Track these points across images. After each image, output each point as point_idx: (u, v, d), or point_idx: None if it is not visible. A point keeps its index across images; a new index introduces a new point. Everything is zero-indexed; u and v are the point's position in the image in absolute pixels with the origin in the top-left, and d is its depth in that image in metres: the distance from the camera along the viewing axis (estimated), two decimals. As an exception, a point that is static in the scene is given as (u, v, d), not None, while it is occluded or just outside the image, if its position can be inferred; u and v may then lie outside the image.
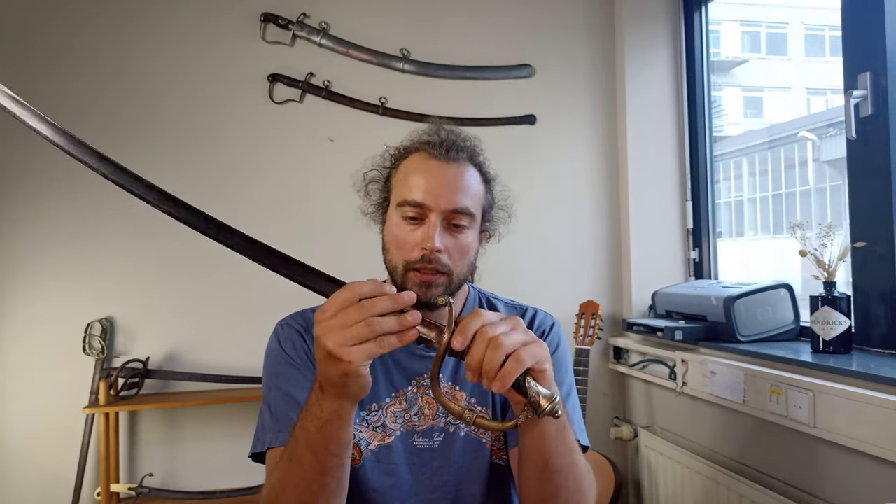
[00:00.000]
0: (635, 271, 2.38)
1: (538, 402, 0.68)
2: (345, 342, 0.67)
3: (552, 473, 0.82)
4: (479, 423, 0.70)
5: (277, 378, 0.99)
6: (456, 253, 0.96)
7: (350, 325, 0.67)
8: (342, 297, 0.68)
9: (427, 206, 0.94)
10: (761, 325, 1.81)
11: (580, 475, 0.85)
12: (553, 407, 0.68)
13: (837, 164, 2.39)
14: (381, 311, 0.67)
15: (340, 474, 0.80)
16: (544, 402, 0.68)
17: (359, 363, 0.68)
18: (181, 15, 2.16)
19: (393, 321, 0.67)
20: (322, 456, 0.77)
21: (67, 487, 1.97)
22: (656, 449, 2.11)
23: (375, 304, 0.67)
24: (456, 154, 0.98)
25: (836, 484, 1.44)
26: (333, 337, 0.67)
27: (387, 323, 0.67)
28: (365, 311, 0.66)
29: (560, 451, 0.81)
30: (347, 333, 0.67)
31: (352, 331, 0.67)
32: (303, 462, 0.78)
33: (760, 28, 5.01)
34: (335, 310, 0.68)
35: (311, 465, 0.78)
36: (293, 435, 0.80)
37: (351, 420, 0.77)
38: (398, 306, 0.67)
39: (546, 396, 0.68)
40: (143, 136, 2.11)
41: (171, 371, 2.07)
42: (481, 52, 2.36)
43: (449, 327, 0.69)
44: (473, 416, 0.69)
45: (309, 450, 0.77)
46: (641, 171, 2.40)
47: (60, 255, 2.06)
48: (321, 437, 0.76)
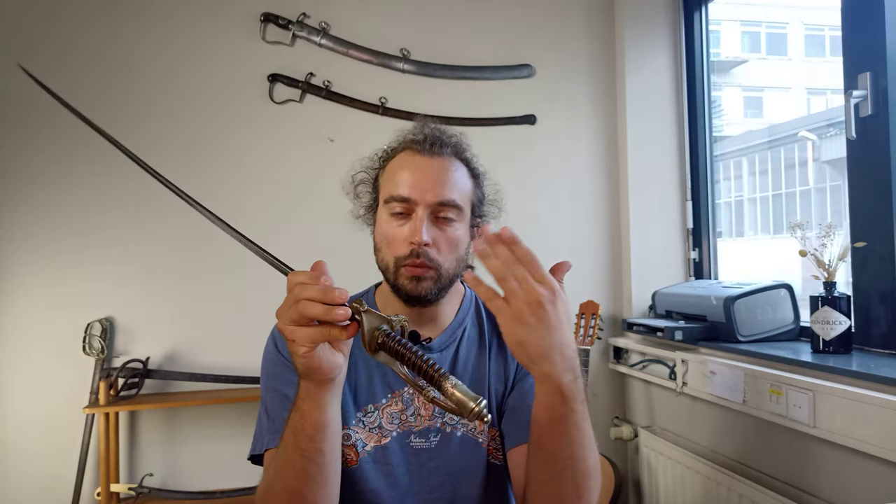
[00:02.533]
0: (635, 271, 2.38)
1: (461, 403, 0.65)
2: (286, 323, 0.72)
3: (547, 457, 0.82)
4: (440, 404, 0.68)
5: (274, 380, 0.99)
6: (445, 246, 0.96)
7: (288, 307, 0.71)
8: (288, 282, 0.73)
9: (413, 200, 0.95)
10: (761, 325, 1.81)
11: (584, 473, 0.83)
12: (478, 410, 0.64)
13: (837, 164, 2.39)
14: (309, 297, 0.70)
15: (319, 461, 0.81)
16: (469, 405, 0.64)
17: (301, 343, 0.72)
18: (181, 15, 2.16)
19: (319, 308, 0.69)
20: (299, 435, 0.79)
21: (67, 487, 1.97)
22: (656, 449, 2.11)
23: (304, 290, 0.70)
24: (440, 149, 0.99)
25: (835, 484, 1.44)
26: (281, 318, 0.72)
27: (312, 309, 0.69)
28: (295, 296, 0.70)
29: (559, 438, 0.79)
30: (286, 315, 0.71)
31: (289, 312, 0.71)
32: (286, 444, 0.81)
33: (760, 28, 5.01)
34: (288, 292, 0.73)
35: (292, 447, 0.80)
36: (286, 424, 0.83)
37: (323, 403, 0.79)
38: (324, 298, 0.69)
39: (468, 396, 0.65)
40: (143, 136, 2.11)
41: (171, 371, 2.07)
42: (481, 52, 2.36)
43: (363, 330, 0.71)
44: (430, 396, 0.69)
45: (290, 430, 0.80)
46: (641, 171, 2.40)
47: (60, 255, 2.05)
48: (298, 415, 0.79)
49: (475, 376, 1.04)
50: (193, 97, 2.15)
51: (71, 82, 2.06)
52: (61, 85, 2.06)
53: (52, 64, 2.06)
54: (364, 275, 1.20)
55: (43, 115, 2.05)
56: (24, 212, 2.04)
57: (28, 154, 2.04)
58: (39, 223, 2.05)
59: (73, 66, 2.08)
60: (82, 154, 2.06)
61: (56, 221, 2.06)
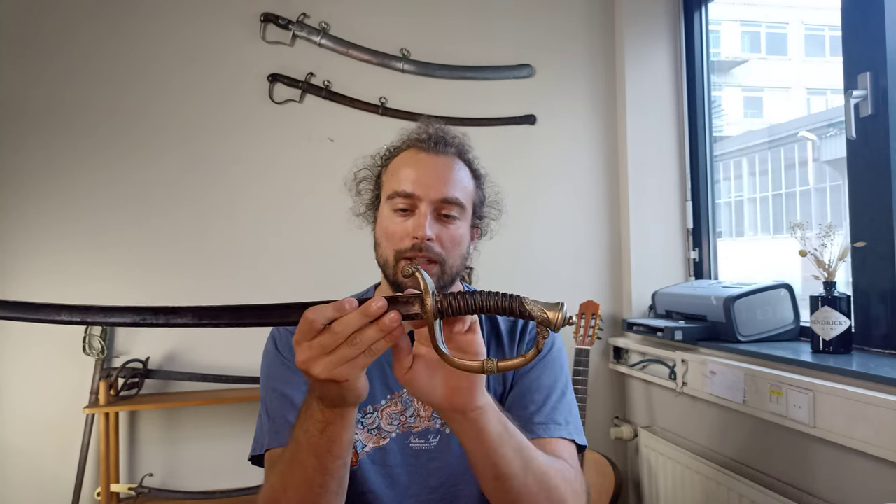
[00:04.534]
0: (635, 271, 2.38)
1: (546, 317, 0.66)
2: (334, 366, 0.65)
3: (507, 480, 0.78)
4: (503, 367, 0.67)
5: (274, 380, 0.99)
6: (448, 242, 0.96)
7: (331, 349, 0.64)
8: (307, 327, 0.64)
9: (417, 196, 0.95)
10: (761, 325, 1.81)
11: (543, 473, 0.81)
12: (563, 315, 0.65)
13: (837, 164, 2.39)
14: (357, 328, 0.64)
15: (342, 474, 0.80)
16: (552, 315, 0.65)
17: (355, 379, 0.67)
18: (181, 15, 2.15)
19: (374, 332, 0.64)
20: (325, 458, 0.76)
21: (67, 487, 1.97)
22: (656, 449, 2.11)
23: (347, 324, 0.64)
24: (444, 148, 1.00)
25: (835, 484, 1.44)
26: (321, 364, 0.65)
27: (369, 336, 0.64)
28: (340, 335, 0.64)
29: (507, 454, 0.77)
30: (334, 358, 0.64)
31: (337, 354, 0.64)
32: (305, 464, 0.77)
33: (760, 28, 5.01)
34: (307, 338, 0.65)
35: (313, 468, 0.77)
36: (294, 437, 0.79)
37: (353, 421, 0.76)
38: (370, 319, 0.64)
39: (550, 307, 0.66)
40: (143, 136, 2.11)
41: (171, 371, 2.07)
42: (481, 52, 2.36)
43: (426, 291, 0.66)
44: (494, 365, 0.67)
45: (311, 452, 0.76)
46: (641, 171, 2.40)
47: (60, 254, 2.05)
48: (324, 440, 0.75)
49: (475, 377, 1.04)
50: (193, 97, 2.15)
51: (70, 82, 2.07)
52: (60, 85, 2.06)
53: (52, 64, 2.06)
54: (364, 274, 1.20)
55: (42, 113, 2.05)
56: (24, 211, 2.04)
57: (27, 152, 2.04)
58: (39, 222, 2.05)
59: (73, 65, 2.07)
60: (83, 152, 2.07)
61: (56, 220, 2.06)
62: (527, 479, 0.79)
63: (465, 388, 0.71)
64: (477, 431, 0.74)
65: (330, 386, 0.67)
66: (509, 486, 0.78)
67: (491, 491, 0.80)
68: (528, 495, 0.79)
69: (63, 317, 0.65)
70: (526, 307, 0.66)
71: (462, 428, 0.74)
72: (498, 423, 0.76)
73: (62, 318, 0.65)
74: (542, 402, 0.98)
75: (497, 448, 0.76)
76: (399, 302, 0.66)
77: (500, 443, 0.76)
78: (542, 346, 0.67)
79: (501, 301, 0.67)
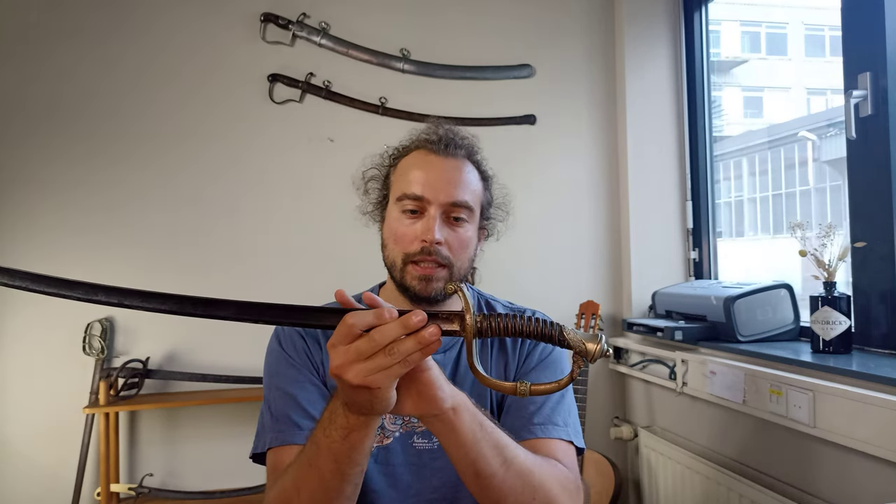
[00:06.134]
0: (635, 271, 2.38)
1: (584, 348, 0.67)
2: (369, 373, 0.65)
3: (486, 478, 0.78)
4: (535, 391, 0.69)
5: (278, 378, 0.99)
6: (456, 246, 0.96)
7: (367, 355, 0.65)
8: (345, 331, 0.66)
9: (426, 198, 0.95)
10: (761, 325, 1.81)
11: (526, 471, 0.81)
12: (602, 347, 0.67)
13: (837, 164, 2.39)
14: (394, 338, 0.65)
15: (358, 481, 0.80)
16: (591, 346, 0.67)
17: (388, 388, 0.67)
18: (181, 15, 2.16)
19: (412, 343, 0.65)
20: (344, 464, 0.76)
21: (67, 487, 1.97)
22: (656, 449, 2.11)
23: (386, 333, 0.64)
24: (454, 150, 1.00)
25: (835, 484, 1.44)
26: (355, 370, 0.65)
27: (406, 347, 0.65)
28: (378, 343, 0.64)
29: (484, 452, 0.77)
30: (369, 365, 0.65)
31: (373, 362, 0.65)
32: (322, 469, 0.77)
33: (760, 28, 5.01)
34: (344, 342, 0.66)
35: (331, 473, 0.77)
36: (313, 440, 0.79)
37: (375, 429, 0.76)
38: (408, 331, 0.65)
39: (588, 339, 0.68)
40: (143, 136, 2.11)
41: (171, 371, 2.07)
42: (481, 52, 2.36)
43: (468, 310, 0.67)
44: (527, 387, 0.69)
45: (331, 457, 0.76)
46: (641, 171, 2.40)
47: (60, 254, 2.06)
48: (346, 446, 0.75)
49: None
50: (193, 97, 2.15)
51: (69, 81, 2.07)
52: (59, 85, 2.06)
53: (52, 63, 2.06)
54: (365, 274, 1.20)
55: (41, 112, 2.05)
56: (24, 210, 2.04)
57: (26, 152, 2.04)
58: (39, 222, 2.05)
59: (71, 65, 2.07)
60: (81, 152, 2.07)
61: (55, 220, 2.06)
62: (507, 477, 0.79)
63: (428, 395, 0.72)
64: (450, 432, 0.75)
65: (361, 392, 0.67)
66: (490, 484, 0.79)
67: (475, 490, 0.81)
68: (511, 493, 0.80)
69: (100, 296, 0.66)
70: (566, 336, 0.68)
71: (436, 429, 0.76)
72: (472, 423, 0.76)
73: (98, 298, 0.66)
74: (541, 402, 0.98)
75: (473, 446, 0.76)
76: (439, 317, 0.68)
77: (475, 441, 0.76)
78: (576, 374, 0.69)
79: (541, 328, 0.68)
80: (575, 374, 0.69)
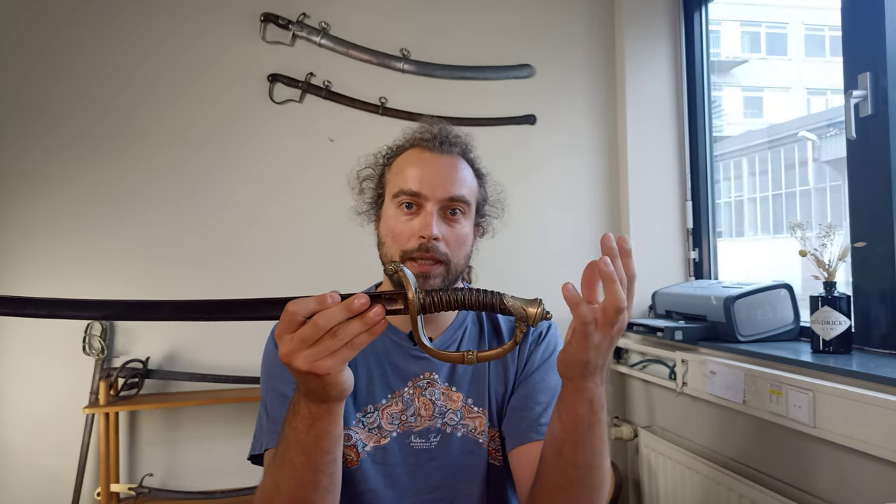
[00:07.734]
0: (635, 271, 2.37)
1: (525, 313, 0.70)
2: (315, 358, 0.66)
3: (567, 464, 0.79)
4: (482, 357, 0.71)
5: (273, 379, 0.99)
6: (453, 242, 0.97)
7: (312, 341, 0.65)
8: (288, 319, 0.66)
9: (423, 195, 0.95)
10: (761, 325, 1.81)
11: (601, 480, 0.82)
12: (542, 310, 0.70)
13: (837, 164, 2.39)
14: (338, 321, 0.65)
15: (332, 470, 0.80)
16: (531, 311, 0.70)
17: (337, 371, 0.68)
18: (180, 15, 2.15)
19: (358, 325, 0.66)
20: (314, 454, 0.76)
21: (67, 487, 1.97)
22: (656, 449, 2.11)
23: (329, 317, 0.65)
24: (449, 147, 1.01)
25: (835, 484, 1.44)
26: (302, 356, 0.66)
27: (352, 329, 0.65)
28: (321, 328, 0.65)
29: (583, 446, 0.78)
30: (315, 350, 0.66)
31: (319, 346, 0.65)
32: (294, 462, 0.77)
33: (760, 28, 5.02)
34: (289, 331, 0.66)
35: (303, 464, 0.77)
36: (283, 436, 0.79)
37: (341, 415, 0.76)
38: (352, 314, 0.65)
39: (529, 303, 0.70)
40: (143, 136, 2.11)
41: (171, 371, 2.07)
42: (481, 51, 2.36)
43: (408, 287, 0.68)
44: (474, 355, 0.70)
45: (300, 449, 0.76)
46: (641, 171, 2.40)
47: (59, 253, 2.05)
48: (312, 436, 0.75)
49: (475, 378, 1.04)
50: (193, 96, 2.15)
51: (66, 81, 2.07)
52: (58, 85, 2.06)
53: (51, 64, 2.06)
54: (364, 273, 1.20)
55: (39, 111, 2.05)
56: (23, 210, 2.04)
57: (24, 152, 2.04)
58: (38, 221, 2.05)
59: (70, 65, 2.07)
60: (80, 151, 2.06)
61: (55, 220, 2.06)
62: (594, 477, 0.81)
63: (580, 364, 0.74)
64: (595, 417, 0.77)
65: (312, 379, 0.68)
66: (580, 477, 0.80)
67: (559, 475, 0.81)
68: (589, 488, 0.81)
69: (28, 310, 0.66)
70: (506, 303, 0.70)
71: (582, 410, 0.77)
72: (605, 413, 0.78)
73: (27, 312, 0.66)
74: (547, 403, 0.98)
75: (582, 431, 0.77)
76: (383, 298, 0.68)
77: (587, 431, 0.77)
78: (519, 339, 0.71)
79: (482, 297, 0.70)
80: (518, 339, 0.71)
